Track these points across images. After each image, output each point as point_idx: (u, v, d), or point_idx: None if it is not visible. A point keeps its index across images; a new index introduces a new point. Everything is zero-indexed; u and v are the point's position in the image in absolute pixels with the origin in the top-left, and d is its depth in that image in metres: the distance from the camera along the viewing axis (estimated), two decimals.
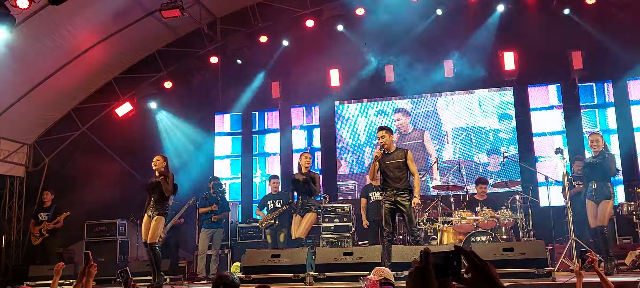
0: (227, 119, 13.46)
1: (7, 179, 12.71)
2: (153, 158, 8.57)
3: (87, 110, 13.18)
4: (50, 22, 10.26)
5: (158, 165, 8.44)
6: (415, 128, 12.37)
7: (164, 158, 8.54)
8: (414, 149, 11.69)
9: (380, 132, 7.83)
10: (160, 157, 8.59)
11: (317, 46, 12.54)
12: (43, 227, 10.87)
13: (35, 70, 11.22)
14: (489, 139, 12.03)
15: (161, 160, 8.48)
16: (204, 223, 10.25)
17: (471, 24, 11.87)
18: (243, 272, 7.68)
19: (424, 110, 12.43)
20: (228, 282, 4.51)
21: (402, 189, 7.67)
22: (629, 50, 10.93)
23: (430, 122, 12.35)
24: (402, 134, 12.40)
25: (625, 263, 8.59)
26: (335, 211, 10.73)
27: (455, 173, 10.78)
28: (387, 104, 12.63)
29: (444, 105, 12.35)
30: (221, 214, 10.42)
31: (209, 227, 10.24)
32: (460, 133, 12.17)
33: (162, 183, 8.28)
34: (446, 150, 12.19)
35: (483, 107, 12.16)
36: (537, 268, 6.68)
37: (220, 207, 10.30)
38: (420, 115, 12.42)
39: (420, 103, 12.49)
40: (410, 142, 12.22)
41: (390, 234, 7.67)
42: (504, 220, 9.04)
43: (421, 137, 12.27)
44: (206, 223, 10.23)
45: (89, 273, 4.29)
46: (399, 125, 12.47)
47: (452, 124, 12.24)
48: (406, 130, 12.44)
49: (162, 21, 11.46)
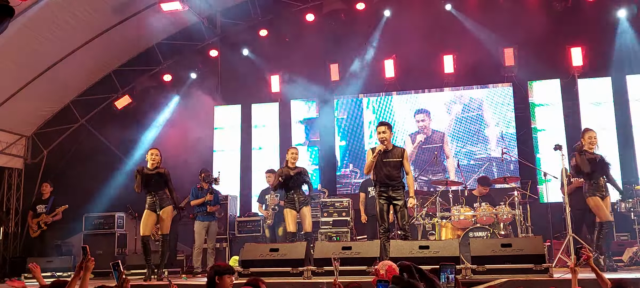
0: (226, 111, 13.43)
1: (5, 171, 12.70)
2: (151, 151, 8.61)
3: (87, 103, 13.16)
4: (50, 13, 10.22)
5: (158, 160, 8.49)
6: (435, 131, 12.29)
7: (159, 152, 8.63)
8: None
9: (382, 127, 7.79)
10: (156, 149, 8.65)
11: (317, 40, 12.52)
12: (41, 219, 10.87)
13: (34, 62, 11.20)
14: (489, 134, 12.02)
15: (158, 154, 8.57)
16: (198, 216, 10.01)
17: (472, 20, 11.85)
18: (242, 265, 7.68)
19: (423, 105, 12.42)
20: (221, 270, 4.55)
21: (397, 187, 7.69)
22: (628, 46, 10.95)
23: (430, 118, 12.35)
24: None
25: (622, 260, 8.63)
26: (334, 206, 10.77)
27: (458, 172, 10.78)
28: (387, 99, 12.62)
29: (444, 100, 12.33)
30: (215, 206, 10.21)
31: (204, 219, 9.99)
32: (461, 129, 12.15)
33: (166, 176, 8.43)
34: (447, 146, 12.19)
35: (483, 103, 12.15)
36: (534, 264, 6.69)
37: (215, 198, 10.09)
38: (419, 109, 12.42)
39: (420, 98, 12.48)
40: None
41: (386, 230, 7.69)
42: (503, 216, 9.05)
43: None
44: (201, 216, 9.99)
45: (86, 267, 4.31)
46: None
47: (451, 120, 12.22)
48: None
49: (162, 14, 11.43)
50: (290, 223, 8.70)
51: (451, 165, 11.88)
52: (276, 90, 12.82)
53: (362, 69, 12.61)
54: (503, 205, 9.16)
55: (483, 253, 6.98)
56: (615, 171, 11.03)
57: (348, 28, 12.60)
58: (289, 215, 8.71)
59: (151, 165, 8.49)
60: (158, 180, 8.44)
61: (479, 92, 12.23)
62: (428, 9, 12.02)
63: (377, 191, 7.79)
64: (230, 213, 11.49)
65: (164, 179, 8.47)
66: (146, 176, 8.39)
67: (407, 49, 11.92)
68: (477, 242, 7.61)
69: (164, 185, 8.50)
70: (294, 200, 8.68)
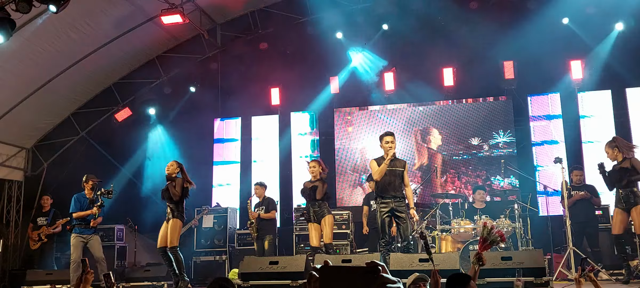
0: (226, 125, 13.45)
1: (6, 183, 12.69)
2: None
3: (87, 115, 13.18)
4: (51, 26, 10.27)
5: (170, 170, 8.51)
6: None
7: (177, 164, 8.58)
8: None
9: (389, 137, 7.80)
10: (174, 162, 8.66)
11: (317, 53, 12.57)
12: (42, 231, 10.86)
13: (35, 75, 11.23)
14: (488, 147, 12.02)
15: (175, 166, 8.54)
16: (76, 228, 8.92)
17: (471, 33, 11.87)
18: (241, 278, 7.66)
19: (423, 117, 12.43)
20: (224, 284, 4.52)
21: (400, 198, 7.69)
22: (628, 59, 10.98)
23: (427, 130, 12.36)
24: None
25: (623, 273, 8.58)
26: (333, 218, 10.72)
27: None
28: (387, 111, 12.63)
29: (443, 113, 12.35)
30: (99, 218, 9.09)
31: (82, 232, 8.93)
32: (459, 142, 12.16)
33: (169, 187, 8.38)
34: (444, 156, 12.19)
35: (482, 115, 12.16)
36: (535, 277, 6.68)
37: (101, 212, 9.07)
38: (419, 122, 12.42)
39: (419, 111, 12.50)
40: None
41: (387, 243, 7.67)
42: (503, 229, 9.02)
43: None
44: (79, 228, 8.92)
45: (85, 279, 4.31)
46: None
47: (450, 133, 12.23)
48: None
49: (163, 27, 11.48)
50: (313, 236, 8.61)
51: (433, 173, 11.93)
52: (276, 103, 12.84)
53: (361, 81, 12.63)
54: (503, 218, 9.14)
55: (483, 266, 6.95)
56: None
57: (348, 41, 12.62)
58: (311, 228, 8.64)
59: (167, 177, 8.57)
60: (166, 193, 8.50)
61: (477, 103, 12.26)
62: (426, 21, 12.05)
63: (379, 203, 7.76)
64: (230, 225, 11.46)
65: (169, 193, 8.47)
66: (164, 190, 8.52)
67: (407, 62, 11.96)
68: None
69: (169, 197, 8.50)
70: (311, 213, 8.61)
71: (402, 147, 12.19)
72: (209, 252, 11.21)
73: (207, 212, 11.33)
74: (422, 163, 12.28)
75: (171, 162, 8.67)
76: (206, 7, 12.06)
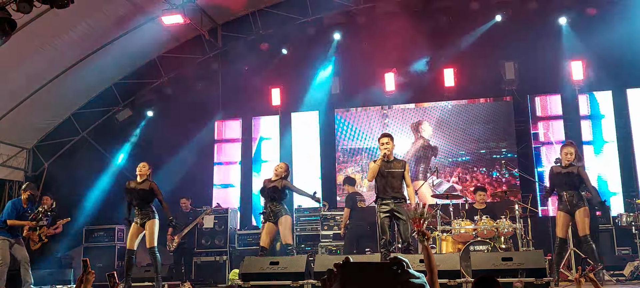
0: (227, 125, 13.45)
1: (6, 183, 12.69)
2: (139, 165, 8.49)
3: (87, 115, 13.18)
4: (52, 26, 10.27)
5: (144, 171, 8.39)
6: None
7: (149, 165, 8.48)
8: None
9: (385, 138, 7.80)
10: (147, 163, 8.51)
11: (317, 53, 12.56)
12: (42, 232, 10.84)
13: (35, 75, 11.22)
14: (489, 148, 12.02)
15: (147, 167, 8.43)
16: (2, 232, 8.69)
17: (471, 33, 11.89)
18: (242, 279, 7.65)
19: (423, 117, 12.43)
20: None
21: (400, 199, 7.68)
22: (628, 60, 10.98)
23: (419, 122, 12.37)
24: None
25: (624, 274, 8.59)
26: (334, 219, 10.74)
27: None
28: (387, 112, 12.63)
29: (443, 113, 12.35)
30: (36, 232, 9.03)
31: (7, 236, 8.76)
32: (460, 141, 12.16)
33: (154, 190, 8.27)
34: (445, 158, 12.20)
35: (483, 116, 12.16)
36: (536, 278, 6.67)
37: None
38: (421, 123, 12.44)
39: (419, 111, 12.50)
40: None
41: (387, 243, 7.66)
42: (503, 229, 9.00)
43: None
44: (4, 232, 8.71)
45: (86, 279, 4.29)
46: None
47: (450, 133, 12.23)
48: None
49: (163, 27, 11.47)
50: (263, 236, 8.57)
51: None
52: (277, 103, 12.84)
53: (362, 82, 12.63)
54: (504, 219, 9.13)
55: (484, 267, 6.97)
56: (616, 184, 11.08)
57: (348, 42, 12.63)
58: (265, 228, 8.58)
59: (138, 178, 8.40)
60: (140, 194, 8.30)
61: (477, 104, 12.26)
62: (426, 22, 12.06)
63: (379, 204, 7.76)
64: (231, 226, 11.47)
65: (143, 194, 8.30)
66: (134, 190, 8.32)
67: (407, 62, 11.97)
68: (477, 256, 7.59)
69: (143, 198, 8.32)
70: (270, 213, 8.56)
71: (402, 147, 12.19)
72: (209, 253, 11.21)
73: (210, 211, 11.31)
74: (416, 151, 12.25)
75: (144, 163, 8.50)
76: (207, 8, 12.07)
